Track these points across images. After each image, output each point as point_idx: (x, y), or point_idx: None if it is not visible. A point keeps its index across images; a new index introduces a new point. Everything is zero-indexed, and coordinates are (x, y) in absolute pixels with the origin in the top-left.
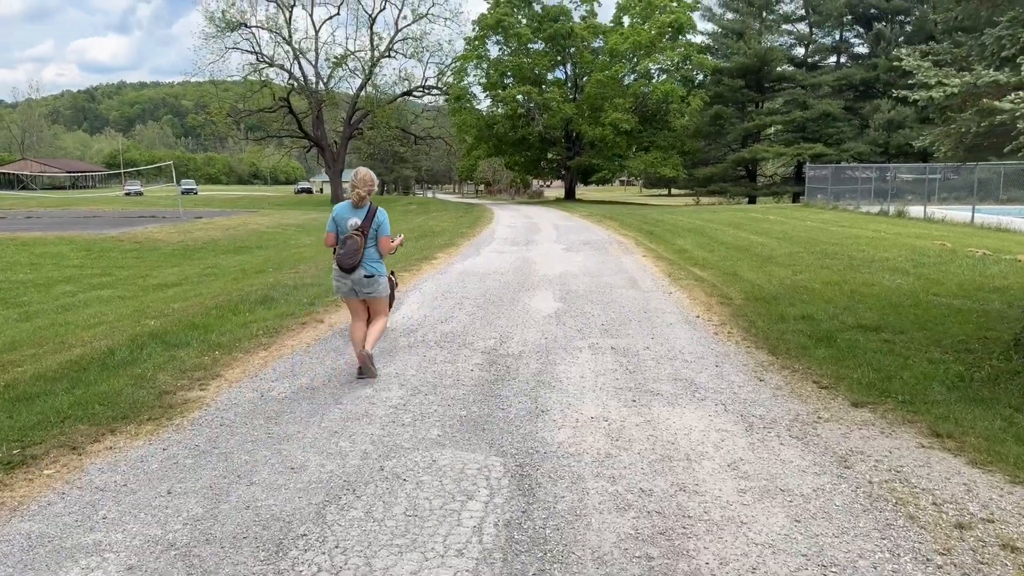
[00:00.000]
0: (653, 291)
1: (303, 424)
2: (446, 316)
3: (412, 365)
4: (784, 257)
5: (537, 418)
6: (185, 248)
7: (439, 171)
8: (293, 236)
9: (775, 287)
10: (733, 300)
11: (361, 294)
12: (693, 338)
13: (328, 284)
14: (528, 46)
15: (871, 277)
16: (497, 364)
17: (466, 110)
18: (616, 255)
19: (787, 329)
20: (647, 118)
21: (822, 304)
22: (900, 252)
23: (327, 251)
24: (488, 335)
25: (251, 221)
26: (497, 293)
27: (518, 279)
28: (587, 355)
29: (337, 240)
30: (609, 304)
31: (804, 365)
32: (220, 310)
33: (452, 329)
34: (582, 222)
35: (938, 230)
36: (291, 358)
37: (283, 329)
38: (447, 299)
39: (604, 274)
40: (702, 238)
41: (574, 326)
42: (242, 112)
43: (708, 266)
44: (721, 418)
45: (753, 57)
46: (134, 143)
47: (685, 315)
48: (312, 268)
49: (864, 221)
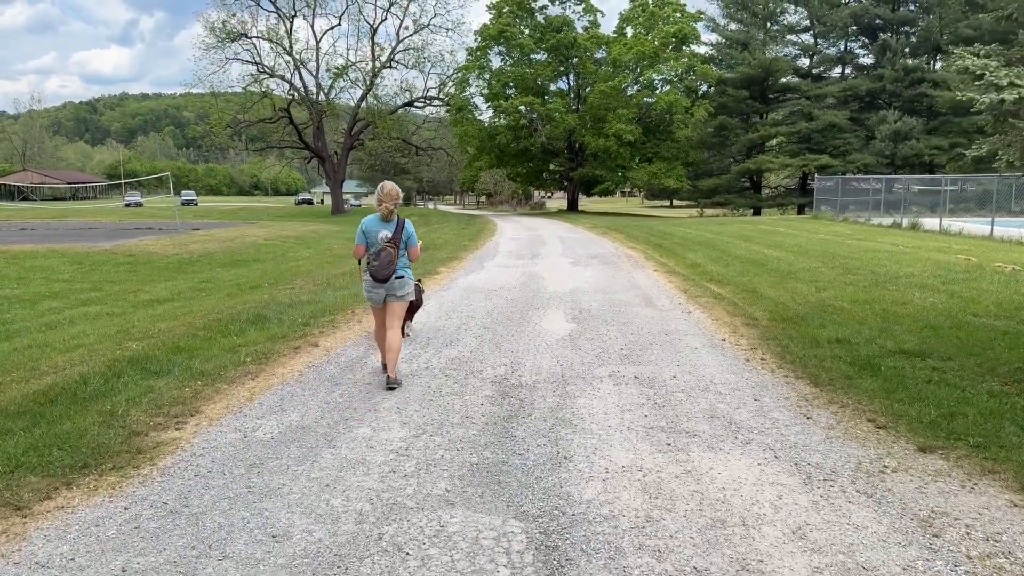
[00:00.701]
0: (671, 310)
1: (290, 474)
2: (452, 338)
3: (416, 398)
4: (803, 272)
5: (560, 467)
6: (180, 261)
7: (441, 182)
8: (292, 249)
9: (800, 306)
10: (759, 321)
11: (392, 298)
12: (723, 365)
13: (325, 302)
14: (531, 56)
15: (900, 295)
16: (510, 397)
17: (468, 121)
18: (627, 270)
19: (824, 355)
20: (650, 129)
21: (855, 326)
22: (924, 267)
23: (325, 265)
24: (498, 361)
25: (249, 233)
26: (505, 312)
27: (526, 296)
28: (608, 386)
29: (367, 251)
30: (626, 325)
31: (852, 399)
32: (208, 331)
33: (459, 354)
34: (587, 234)
35: (958, 243)
36: (280, 390)
37: (274, 354)
38: (452, 319)
39: (616, 291)
40: (714, 251)
41: (591, 351)
42: (242, 123)
43: (725, 282)
44: (773, 467)
45: (757, 68)
46: (135, 154)
47: (710, 338)
48: (309, 283)
49: (878, 234)
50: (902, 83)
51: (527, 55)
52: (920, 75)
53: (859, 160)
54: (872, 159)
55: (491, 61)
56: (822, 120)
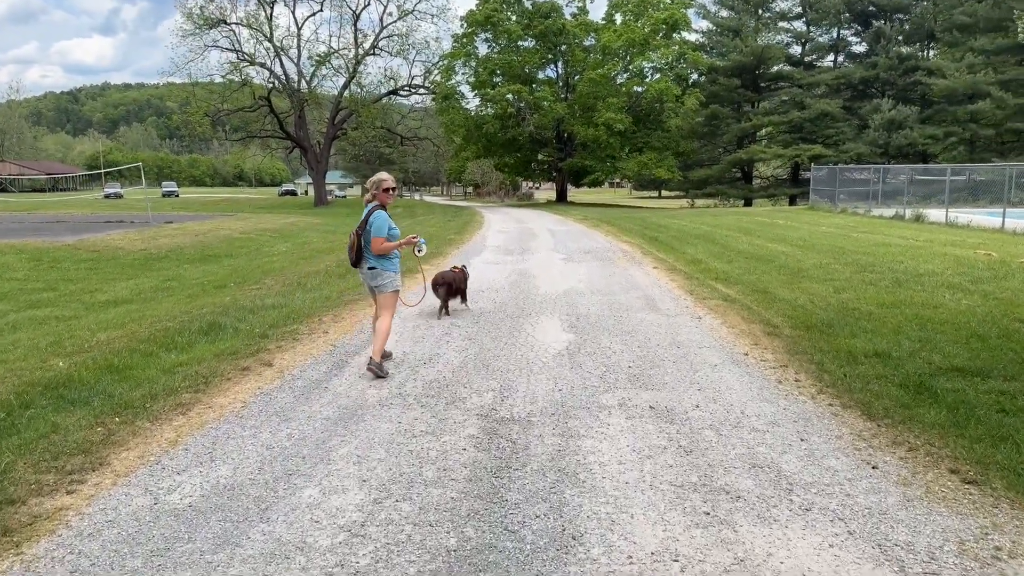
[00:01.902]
0: (678, 314)
1: (203, 568)
2: (430, 353)
3: (382, 439)
4: (815, 270)
5: (567, 554)
6: (147, 257)
7: (427, 173)
8: (268, 243)
9: (822, 310)
10: (780, 329)
11: (371, 287)
12: (752, 389)
13: (292, 306)
14: (518, 43)
15: (928, 296)
16: (498, 436)
17: (454, 109)
18: (623, 266)
19: (867, 374)
20: (640, 118)
21: (890, 335)
22: (944, 264)
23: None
24: (484, 385)
25: (225, 226)
26: (492, 319)
27: (516, 299)
28: (620, 420)
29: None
30: (631, 335)
31: (919, 437)
32: (151, 344)
33: (438, 375)
34: (578, 227)
35: (972, 237)
36: (215, 429)
37: (217, 377)
38: (433, 328)
39: (615, 291)
40: (714, 246)
41: (594, 370)
42: (221, 112)
43: (731, 281)
44: (850, 550)
45: (749, 55)
46: (117, 145)
47: (729, 351)
48: (279, 282)
49: (882, 226)
50: (896, 71)
51: (514, 42)
52: (914, 63)
53: (852, 150)
54: (866, 149)
55: (477, 48)
56: (815, 109)
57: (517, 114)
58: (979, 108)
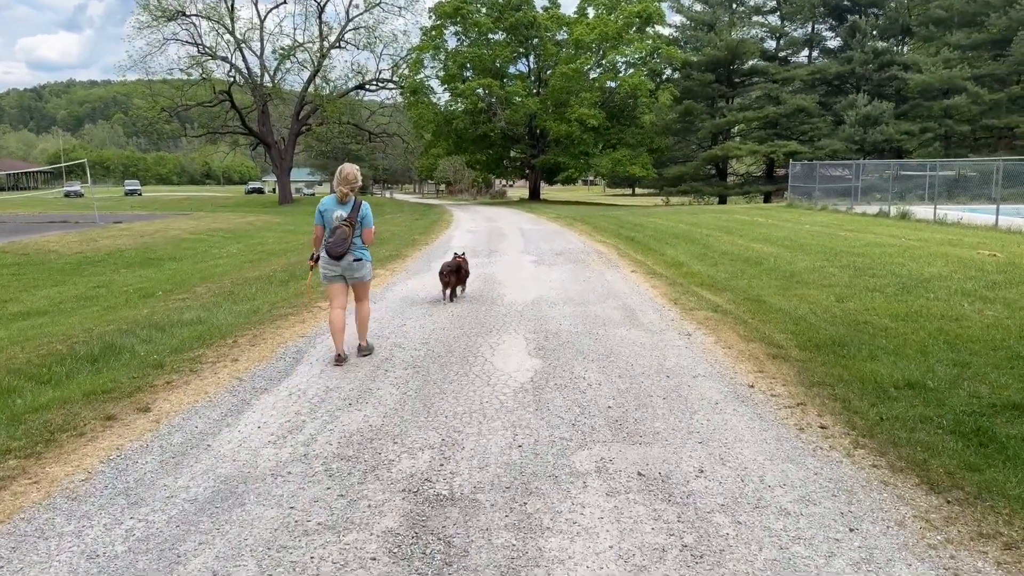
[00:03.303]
0: (663, 330)
1: None
2: (359, 391)
3: (258, 539)
4: (809, 274)
5: None
6: (81, 261)
7: (399, 170)
8: (219, 244)
9: (828, 323)
10: (785, 350)
11: (351, 279)
12: (768, 441)
13: (213, 321)
14: (488, 36)
15: (945, 306)
16: (427, 533)
17: (423, 104)
18: (599, 270)
19: (907, 415)
20: (614, 114)
21: (916, 357)
22: (949, 266)
23: (246, 265)
24: (420, 438)
25: (176, 226)
26: (446, 338)
27: (478, 311)
28: (598, 499)
29: (324, 232)
30: (610, 359)
31: (1013, 523)
32: (21, 375)
33: (363, 423)
34: (551, 226)
35: (967, 235)
36: (23, 525)
37: (68, 431)
38: (375, 351)
39: (590, 300)
40: (694, 246)
41: (565, 412)
42: (179, 107)
43: (719, 287)
44: None
45: (724, 50)
46: (82, 143)
47: (730, 381)
48: (211, 291)
49: (868, 224)
50: (871, 66)
51: (484, 35)
52: (889, 57)
53: (828, 146)
54: (841, 145)
55: (447, 41)
56: (790, 104)
57: (488, 109)
58: (955, 103)
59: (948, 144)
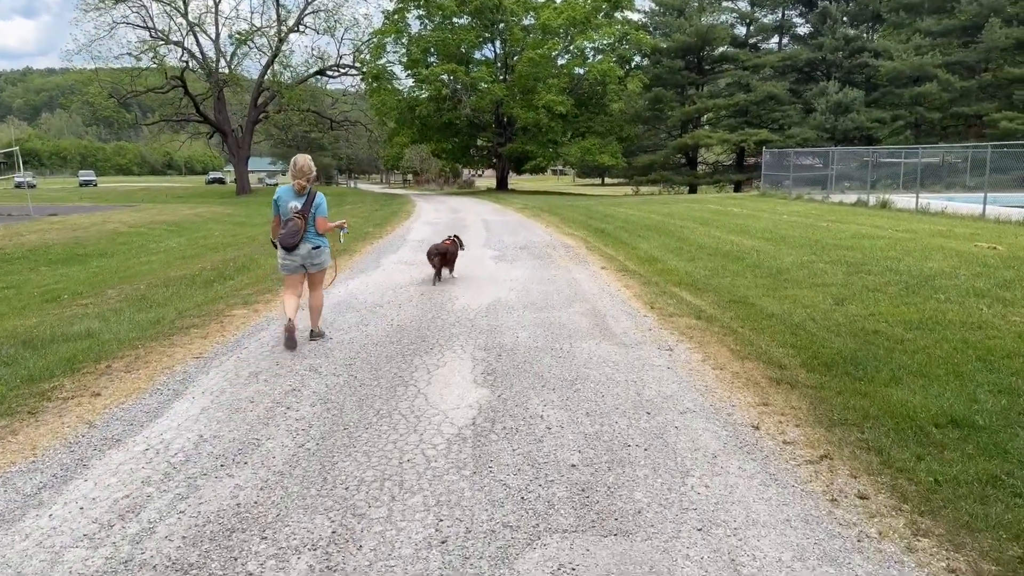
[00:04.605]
0: (640, 343)
1: None
2: (241, 443)
3: None
4: (798, 270)
5: None
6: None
7: (365, 160)
8: (159, 238)
9: (833, 334)
10: (788, 370)
11: (311, 266)
12: (794, 524)
13: (101, 337)
14: (452, 20)
15: (962, 311)
16: None
17: (386, 91)
18: (565, 266)
19: (968, 473)
20: (583, 101)
21: (948, 379)
22: (948, 261)
23: (177, 262)
24: (302, 530)
25: (116, 219)
26: (376, 359)
27: (421, 319)
28: None
29: (281, 223)
30: (575, 387)
31: None
32: None
33: (228, 501)
34: (517, 217)
35: (958, 226)
36: None
37: None
38: (275, 381)
39: (554, 304)
40: (668, 239)
41: (512, 478)
42: (127, 93)
43: (699, 286)
44: None
45: (694, 35)
46: (37, 132)
47: (728, 421)
48: (123, 294)
49: (848, 214)
50: (842, 52)
51: (449, 19)
52: (860, 44)
53: (799, 134)
54: (812, 133)
55: (410, 25)
56: (760, 92)
57: (453, 96)
58: (925, 91)
59: (918, 132)
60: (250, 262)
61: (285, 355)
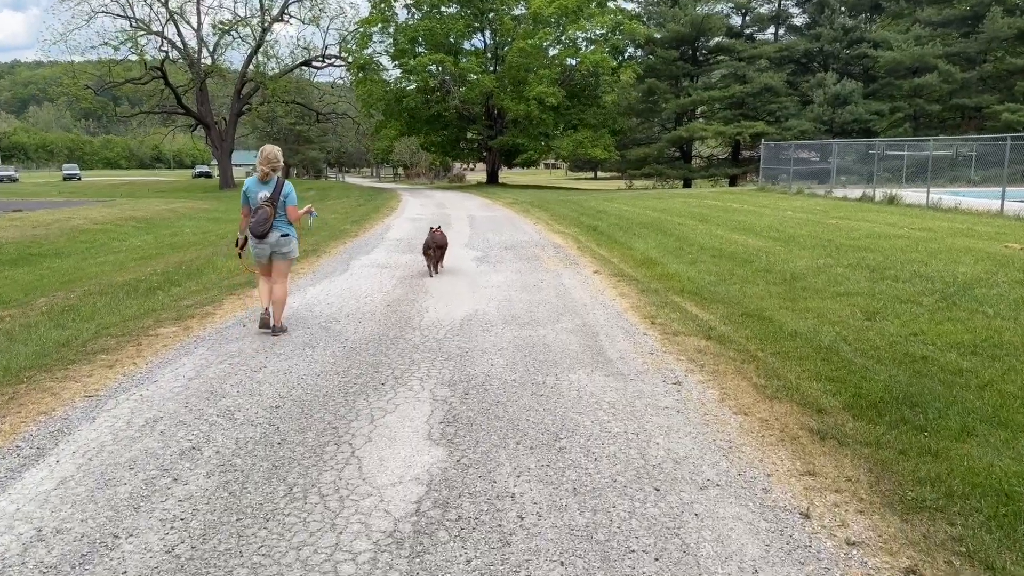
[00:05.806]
0: (641, 374)
1: None
2: (89, 543)
3: None
4: (814, 276)
5: None
6: None
7: (353, 153)
8: (126, 235)
9: (873, 361)
10: (831, 415)
11: (279, 255)
12: None
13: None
14: (441, 9)
15: (1018, 330)
16: None
17: (372, 82)
18: (554, 269)
19: None
20: (575, 93)
21: None
22: (982, 265)
23: (135, 263)
24: None
25: (84, 215)
26: (309, 400)
27: (380, 339)
28: None
29: (251, 212)
30: (559, 444)
31: None
32: None
33: None
34: (505, 212)
35: (978, 224)
36: None
37: None
38: (174, 433)
39: (540, 318)
40: (666, 238)
41: None
42: (105, 84)
43: (705, 296)
44: None
45: (688, 26)
46: (24, 126)
47: (766, 502)
48: (53, 303)
49: (855, 210)
50: (840, 43)
51: (437, 7)
52: (859, 34)
53: (796, 127)
54: (810, 125)
55: (397, 15)
56: (757, 83)
57: (441, 87)
58: (924, 82)
59: (917, 124)
60: (206, 264)
61: (199, 393)
